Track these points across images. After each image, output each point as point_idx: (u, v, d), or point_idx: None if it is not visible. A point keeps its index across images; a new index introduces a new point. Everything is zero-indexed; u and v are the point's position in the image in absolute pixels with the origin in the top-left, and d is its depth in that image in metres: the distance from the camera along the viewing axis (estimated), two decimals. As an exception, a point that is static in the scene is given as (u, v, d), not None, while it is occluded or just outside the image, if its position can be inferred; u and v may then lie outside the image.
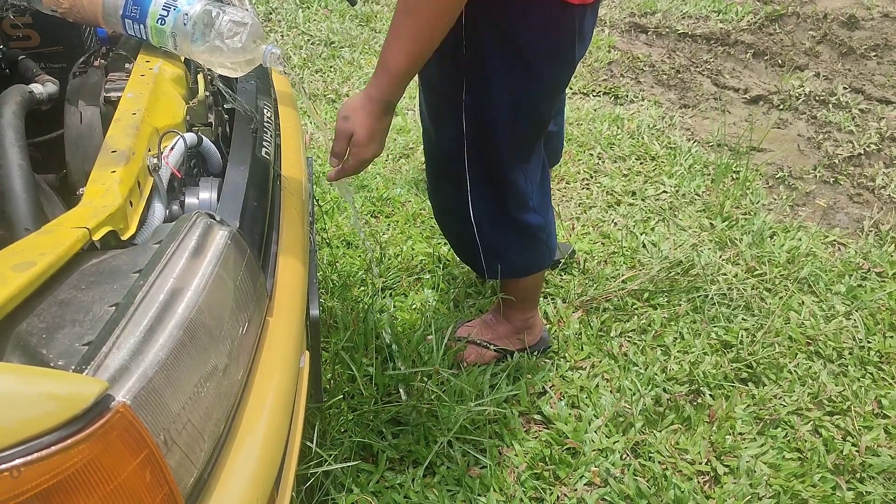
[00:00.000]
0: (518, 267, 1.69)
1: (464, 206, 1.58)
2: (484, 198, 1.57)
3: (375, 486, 1.52)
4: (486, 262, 1.67)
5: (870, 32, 3.94)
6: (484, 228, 1.61)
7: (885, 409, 1.76)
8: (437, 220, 1.77)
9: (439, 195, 1.68)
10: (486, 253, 1.65)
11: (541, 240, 1.66)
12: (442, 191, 1.65)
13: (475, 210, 1.58)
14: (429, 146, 1.61)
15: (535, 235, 1.64)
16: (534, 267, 1.71)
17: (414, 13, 1.17)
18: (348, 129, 1.25)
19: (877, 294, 2.11)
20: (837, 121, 3.11)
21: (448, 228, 1.74)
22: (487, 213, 1.59)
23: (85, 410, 0.58)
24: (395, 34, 1.20)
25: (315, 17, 4.02)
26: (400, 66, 1.21)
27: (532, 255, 1.68)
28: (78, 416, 0.58)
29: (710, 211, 2.48)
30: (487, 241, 1.63)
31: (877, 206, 2.57)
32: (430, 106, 1.53)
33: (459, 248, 1.75)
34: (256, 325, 0.90)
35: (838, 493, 1.56)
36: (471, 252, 1.68)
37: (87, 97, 1.18)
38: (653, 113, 3.14)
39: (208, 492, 0.74)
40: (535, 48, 1.34)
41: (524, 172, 1.55)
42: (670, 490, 1.54)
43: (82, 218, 0.80)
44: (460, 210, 1.59)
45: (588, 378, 1.82)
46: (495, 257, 1.66)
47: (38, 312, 0.70)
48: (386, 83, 1.23)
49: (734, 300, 2.06)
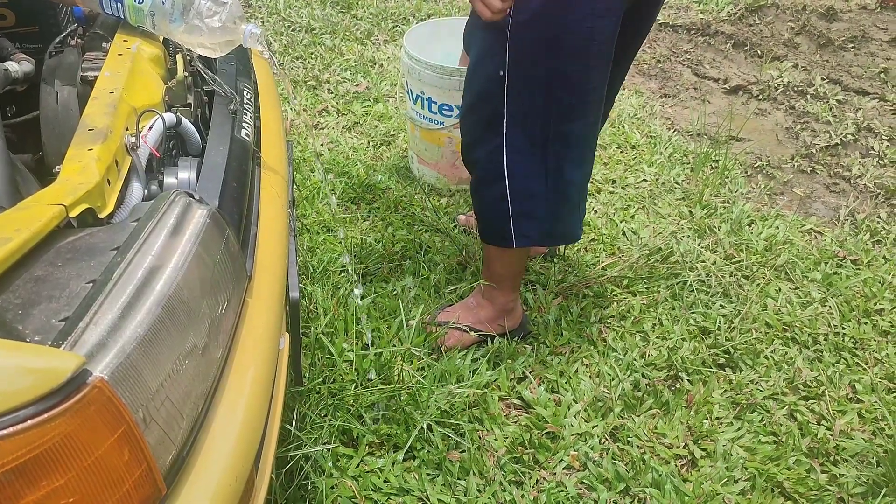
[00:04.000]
0: (551, 230, 1.65)
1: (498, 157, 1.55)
2: (522, 144, 1.53)
3: (355, 471, 1.52)
4: (515, 227, 1.61)
5: (848, 24, 3.97)
6: (515, 178, 1.56)
7: (859, 394, 1.79)
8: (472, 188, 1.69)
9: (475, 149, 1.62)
10: (516, 211, 1.59)
11: (574, 203, 1.64)
12: (474, 131, 1.60)
13: (510, 158, 1.54)
14: (471, 91, 1.58)
15: (570, 198, 1.62)
16: (568, 236, 1.70)
17: None
18: None
19: (852, 281, 2.13)
20: (815, 111, 3.13)
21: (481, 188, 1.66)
22: (527, 160, 1.54)
23: (62, 385, 0.58)
24: None
25: (296, 4, 3.99)
26: None
27: (564, 220, 1.65)
28: (55, 390, 0.58)
29: (689, 199, 2.50)
30: (518, 196, 1.58)
31: (853, 195, 2.61)
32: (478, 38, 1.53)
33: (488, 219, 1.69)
34: (236, 305, 0.89)
35: (812, 476, 1.58)
36: (500, 217, 1.62)
37: (64, 77, 1.16)
38: (633, 102, 3.15)
39: (186, 470, 0.74)
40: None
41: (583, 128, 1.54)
42: (648, 473, 1.56)
43: (59, 195, 0.79)
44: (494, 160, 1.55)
45: (567, 363, 1.83)
46: (526, 219, 1.60)
47: (14, 289, 0.70)
48: None
49: (712, 287, 2.08)
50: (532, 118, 1.50)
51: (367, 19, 3.85)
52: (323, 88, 3.14)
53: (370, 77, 3.23)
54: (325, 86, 3.16)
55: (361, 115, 2.92)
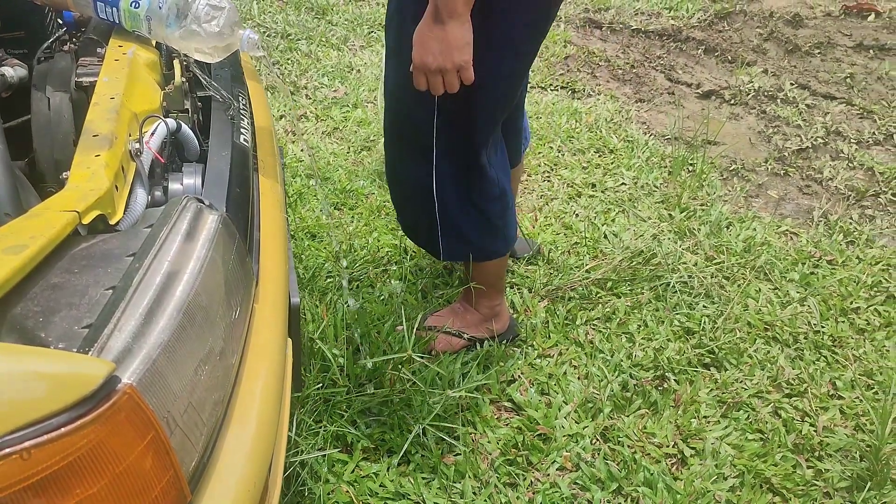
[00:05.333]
0: (476, 251, 1.70)
1: (427, 181, 1.57)
2: (450, 174, 1.56)
3: (351, 476, 1.52)
4: (444, 242, 1.66)
5: (813, 31, 4.07)
6: (446, 205, 1.60)
7: (840, 391, 1.83)
8: (394, 199, 1.73)
9: (402, 170, 1.65)
10: (445, 231, 1.64)
11: (498, 227, 1.68)
12: (406, 165, 1.63)
13: (439, 186, 1.58)
14: (395, 118, 1.59)
15: (491, 222, 1.66)
16: (491, 254, 1.73)
17: None
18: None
19: (828, 281, 2.18)
20: (786, 115, 3.21)
21: (407, 206, 1.71)
22: (452, 189, 1.58)
23: (93, 392, 0.58)
24: None
25: (270, 9, 3.97)
26: None
27: (489, 241, 1.69)
28: (87, 397, 0.57)
29: (668, 202, 2.54)
30: (447, 219, 1.62)
31: (825, 196, 2.67)
32: (401, 73, 1.52)
33: (416, 229, 1.74)
34: (246, 309, 0.89)
35: (799, 471, 1.62)
36: (429, 231, 1.67)
37: (55, 83, 1.15)
38: (609, 107, 3.20)
39: (207, 475, 0.73)
40: (513, 17, 1.36)
41: (488, 156, 1.56)
42: (640, 472, 1.58)
43: (70, 201, 0.78)
44: (423, 185, 1.58)
45: (556, 365, 1.84)
46: (454, 238, 1.66)
47: (32, 296, 0.69)
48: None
49: (695, 288, 2.11)
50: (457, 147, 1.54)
51: (342, 25, 3.85)
52: (301, 94, 3.12)
53: (348, 83, 3.23)
54: (304, 91, 3.15)
55: (341, 121, 2.92)
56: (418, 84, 1.36)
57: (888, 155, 2.95)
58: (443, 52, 1.28)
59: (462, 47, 1.29)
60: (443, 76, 1.32)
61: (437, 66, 1.30)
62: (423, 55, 1.30)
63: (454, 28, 1.27)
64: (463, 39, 1.28)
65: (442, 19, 1.25)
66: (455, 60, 1.29)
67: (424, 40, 1.29)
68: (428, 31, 1.28)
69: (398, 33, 1.46)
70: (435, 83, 1.34)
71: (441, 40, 1.28)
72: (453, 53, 1.29)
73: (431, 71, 1.31)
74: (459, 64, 1.30)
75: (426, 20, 1.28)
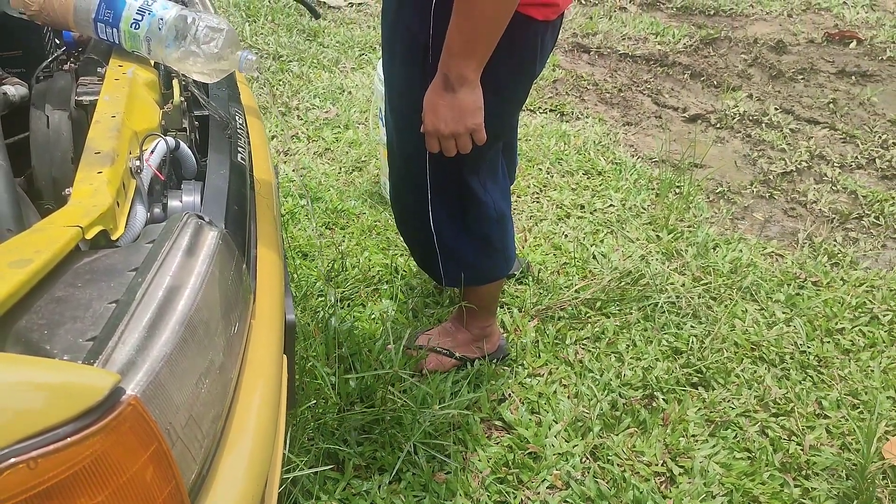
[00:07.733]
0: (476, 275, 1.72)
1: (424, 213, 1.61)
2: (444, 205, 1.60)
3: (342, 494, 1.52)
4: (445, 269, 1.70)
5: (797, 57, 4.15)
6: (443, 235, 1.64)
7: (826, 410, 1.86)
8: (398, 226, 1.79)
9: (400, 202, 1.70)
10: (445, 259, 1.68)
11: (497, 250, 1.70)
12: (403, 197, 1.68)
13: (435, 217, 1.61)
14: (392, 153, 1.64)
15: (491, 245, 1.68)
16: (491, 276, 1.75)
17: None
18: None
19: (813, 302, 2.22)
20: (770, 139, 3.26)
21: (408, 234, 1.76)
22: (447, 220, 1.61)
23: (99, 402, 0.59)
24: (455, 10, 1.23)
25: (262, 31, 4.01)
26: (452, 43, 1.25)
27: (489, 264, 1.72)
28: (92, 408, 0.58)
29: (655, 223, 2.57)
30: (446, 248, 1.66)
31: (809, 219, 2.71)
32: (395, 112, 1.55)
33: (418, 255, 1.78)
34: (244, 325, 0.90)
35: (786, 490, 1.63)
36: (429, 259, 1.70)
37: (55, 101, 1.16)
38: (598, 130, 3.24)
39: (206, 489, 0.74)
40: (500, 62, 1.38)
41: (482, 183, 1.59)
42: (629, 491, 1.59)
43: (74, 217, 0.79)
44: (420, 216, 1.62)
45: (546, 384, 1.86)
46: (454, 264, 1.69)
47: (36, 310, 0.70)
48: (445, 57, 1.26)
49: (682, 308, 2.14)
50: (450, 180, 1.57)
51: (333, 47, 3.88)
52: (293, 115, 3.15)
53: (339, 104, 3.26)
54: (295, 112, 3.17)
55: (332, 142, 2.94)
56: (431, 147, 1.37)
57: (871, 179, 3.00)
58: (455, 118, 1.30)
59: (474, 112, 1.30)
60: (455, 139, 1.34)
61: (450, 131, 1.32)
62: (435, 122, 1.32)
63: (465, 94, 1.28)
64: (475, 105, 1.30)
65: (453, 87, 1.27)
66: (468, 125, 1.31)
67: (436, 107, 1.30)
68: (439, 98, 1.29)
69: (390, 66, 1.52)
70: (448, 146, 1.36)
71: (452, 107, 1.29)
72: (466, 118, 1.30)
73: (444, 136, 1.33)
74: (472, 128, 1.32)
75: (436, 88, 1.29)
